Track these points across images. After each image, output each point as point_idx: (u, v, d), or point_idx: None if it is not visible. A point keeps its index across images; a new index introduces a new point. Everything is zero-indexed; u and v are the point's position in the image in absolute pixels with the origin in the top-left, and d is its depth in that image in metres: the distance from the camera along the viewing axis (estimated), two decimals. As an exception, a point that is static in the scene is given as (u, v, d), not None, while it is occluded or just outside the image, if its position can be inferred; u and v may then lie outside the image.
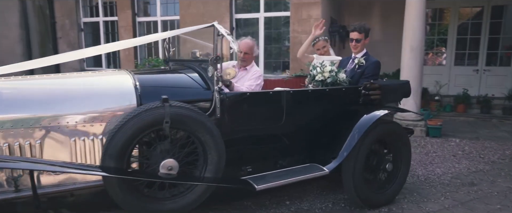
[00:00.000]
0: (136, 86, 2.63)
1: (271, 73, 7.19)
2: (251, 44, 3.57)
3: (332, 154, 3.10)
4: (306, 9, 6.50)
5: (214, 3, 7.15)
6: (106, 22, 8.63)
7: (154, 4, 8.07)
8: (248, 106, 2.92)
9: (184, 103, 2.58)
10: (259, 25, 6.98)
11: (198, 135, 2.56)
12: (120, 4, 8.14)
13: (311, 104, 3.20)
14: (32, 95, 2.47)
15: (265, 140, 3.09)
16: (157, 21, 8.01)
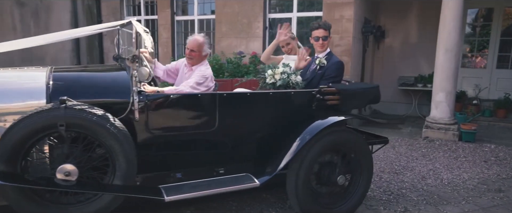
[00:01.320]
0: (48, 84, 2.54)
1: (302, 72, 7.27)
2: (200, 42, 3.29)
3: (272, 165, 2.85)
4: (339, 9, 6.52)
5: (249, 3, 7.33)
6: (147, 20, 9.08)
7: (191, 3, 8.39)
8: (173, 110, 2.78)
9: (99, 104, 2.50)
10: (292, 25, 7.07)
11: (102, 140, 2.41)
12: (160, 4, 8.54)
13: (251, 109, 2.99)
14: None
15: (197, 146, 2.89)
16: (194, 20, 8.33)
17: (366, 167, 3.13)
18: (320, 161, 2.98)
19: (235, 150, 2.99)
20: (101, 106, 2.49)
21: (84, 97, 2.52)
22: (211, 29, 8.22)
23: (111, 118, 2.43)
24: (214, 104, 2.80)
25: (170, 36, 8.50)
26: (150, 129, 2.68)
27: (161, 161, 2.84)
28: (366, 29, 7.18)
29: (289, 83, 3.06)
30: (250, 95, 2.96)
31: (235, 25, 7.57)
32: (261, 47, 7.31)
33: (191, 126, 2.83)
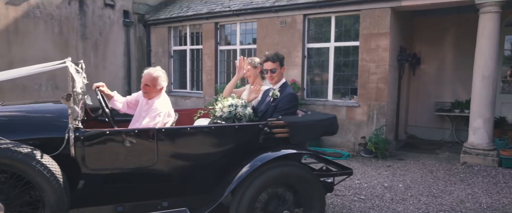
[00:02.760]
0: None
1: (339, 98, 7.59)
2: (154, 76, 3.29)
3: (211, 199, 2.86)
4: (375, 39, 6.87)
5: (288, 34, 7.84)
6: (192, 50, 9.81)
7: (234, 34, 9.04)
8: (110, 145, 2.77)
9: (37, 141, 2.62)
10: (330, 54, 7.48)
11: (29, 177, 2.48)
12: (205, 35, 9.24)
13: (192, 144, 2.97)
14: None
15: (137, 181, 2.88)
16: (237, 49, 8.94)
17: (316, 203, 3.02)
18: (266, 194, 2.93)
19: (178, 184, 2.96)
20: (38, 143, 2.62)
21: (21, 134, 2.65)
22: (252, 58, 8.77)
23: (39, 155, 2.49)
24: (153, 140, 2.80)
25: (214, 64, 9.14)
26: (87, 164, 2.71)
27: (101, 195, 2.85)
28: (401, 57, 7.47)
29: (236, 115, 3.01)
30: (190, 130, 3.01)
31: (275, 54, 8.07)
32: (300, 74, 7.76)
33: (130, 161, 2.82)
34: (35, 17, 8.08)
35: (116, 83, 9.86)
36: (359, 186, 4.96)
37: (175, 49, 10.15)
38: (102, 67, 9.54)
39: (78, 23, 8.89)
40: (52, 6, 8.35)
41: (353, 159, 6.57)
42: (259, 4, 8.24)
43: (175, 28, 10.07)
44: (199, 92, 9.66)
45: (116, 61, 9.86)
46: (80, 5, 8.88)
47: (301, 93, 7.75)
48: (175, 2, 10.80)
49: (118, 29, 9.79)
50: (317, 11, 7.45)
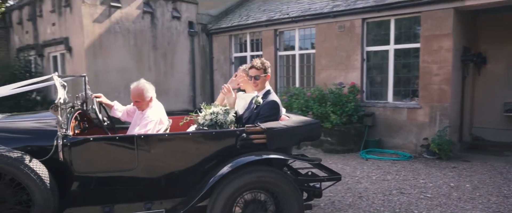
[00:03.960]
0: None
1: (400, 100, 7.65)
2: (140, 91, 3.49)
3: (185, 202, 3.02)
4: (437, 40, 6.87)
5: (346, 38, 8.05)
6: (252, 56, 10.30)
7: (293, 40, 9.41)
8: (93, 151, 2.98)
9: (29, 148, 2.89)
10: (389, 56, 7.57)
11: (19, 179, 2.74)
12: (264, 41, 9.71)
13: (171, 149, 3.11)
14: None
15: (121, 184, 3.06)
16: (295, 54, 9.29)
17: (295, 209, 3.07)
18: (244, 198, 3.06)
19: (159, 187, 3.12)
20: (35, 149, 2.92)
21: (19, 142, 2.96)
22: (311, 62, 9.09)
23: (27, 160, 2.76)
24: (133, 145, 2.98)
25: (274, 70, 9.56)
26: (75, 168, 2.95)
27: (90, 196, 3.06)
28: (465, 58, 7.37)
29: (218, 122, 3.11)
30: (168, 136, 3.19)
31: (334, 58, 8.32)
32: (359, 77, 7.92)
33: (113, 165, 3.04)
34: (115, 32, 9.05)
35: (182, 90, 10.66)
36: (424, 185, 5.07)
37: (236, 55, 10.73)
38: (170, 75, 10.37)
39: (150, 35, 9.77)
40: (129, 21, 9.29)
41: (415, 160, 6.62)
42: (318, 10, 8.53)
43: (236, 36, 10.66)
44: None
45: (183, 68, 10.65)
46: (152, 18, 9.76)
47: (361, 95, 7.91)
48: (235, 12, 11.41)
49: (184, 39, 10.59)
50: (376, 15, 7.58)
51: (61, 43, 9.31)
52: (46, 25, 10.02)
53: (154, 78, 9.93)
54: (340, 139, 7.39)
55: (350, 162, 6.56)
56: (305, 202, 3.47)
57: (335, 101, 7.43)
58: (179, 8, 10.38)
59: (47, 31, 9.97)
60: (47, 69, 10.49)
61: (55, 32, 9.61)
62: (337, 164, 6.37)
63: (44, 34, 10.16)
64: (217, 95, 10.91)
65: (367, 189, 4.95)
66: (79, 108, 3.60)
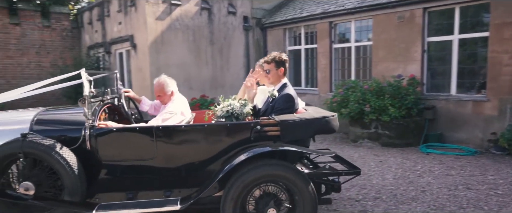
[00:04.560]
0: (34, 118, 3.34)
1: (464, 93, 7.27)
2: (160, 86, 3.68)
3: (197, 192, 3.12)
4: (509, 28, 6.42)
5: (406, 28, 7.78)
6: (306, 49, 10.32)
7: (348, 32, 9.27)
8: (116, 140, 3.19)
9: (62, 137, 3.14)
10: (453, 47, 7.21)
11: (50, 164, 3.00)
12: (319, 34, 9.67)
13: (187, 140, 3.21)
14: None
15: (141, 172, 3.24)
16: (351, 47, 9.15)
17: (307, 204, 3.06)
18: (259, 190, 3.10)
19: (176, 177, 3.25)
20: (67, 138, 3.17)
21: (54, 131, 3.24)
22: (367, 54, 8.90)
23: (58, 147, 3.02)
24: (152, 137, 3.15)
25: (328, 62, 9.51)
26: (99, 156, 3.19)
27: (114, 182, 3.27)
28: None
29: (234, 114, 3.18)
30: (184, 128, 3.27)
31: (392, 50, 8.09)
32: (419, 69, 7.64)
33: (134, 154, 3.23)
34: (175, 28, 9.51)
35: (237, 83, 10.92)
36: (494, 181, 4.83)
37: (290, 49, 10.79)
38: (226, 69, 10.69)
39: (207, 30, 10.14)
40: (188, 18, 9.71)
41: (482, 156, 6.29)
42: (375, 1, 8.32)
43: (290, 29, 10.71)
44: (314, 89, 10.13)
45: (238, 62, 10.92)
46: (209, 14, 10.12)
47: (421, 88, 7.63)
48: (289, 5, 11.45)
49: (239, 34, 10.84)
50: (439, 3, 7.25)
51: (126, 40, 9.97)
52: (113, 24, 10.78)
53: (211, 72, 10.32)
54: (398, 133, 7.21)
55: (410, 156, 6.39)
56: (323, 196, 3.52)
57: (394, 94, 7.24)
58: (234, 3, 10.64)
59: (114, 29, 10.72)
60: (113, 65, 11.30)
61: (121, 30, 10.31)
62: (396, 158, 6.25)
63: (111, 32, 10.93)
64: (271, 88, 11.09)
65: (430, 184, 4.83)
66: (109, 101, 3.81)
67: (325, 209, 4.04)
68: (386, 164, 5.92)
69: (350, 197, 4.44)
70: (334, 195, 4.49)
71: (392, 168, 5.66)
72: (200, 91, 9.86)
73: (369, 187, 4.78)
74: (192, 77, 9.88)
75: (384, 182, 4.95)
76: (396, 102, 7.13)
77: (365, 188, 4.72)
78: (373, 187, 4.76)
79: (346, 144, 7.73)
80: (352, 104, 7.42)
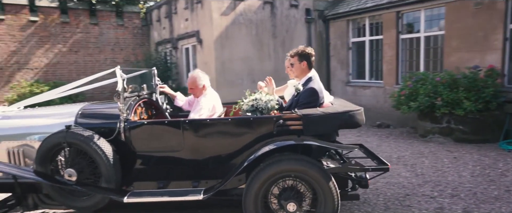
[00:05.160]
0: (78, 112, 3.60)
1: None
2: (192, 79, 3.81)
3: (219, 183, 3.18)
4: None
5: (485, 15, 7.21)
6: (371, 40, 10.00)
7: (417, 22, 8.80)
8: (148, 133, 3.35)
9: (99, 129, 3.37)
10: (540, 34, 6.56)
11: (89, 153, 3.23)
12: (385, 25, 9.30)
13: (212, 133, 3.30)
14: (20, 120, 3.83)
15: (170, 163, 3.37)
16: (420, 37, 8.69)
17: (329, 200, 3.04)
18: (282, 184, 3.12)
19: (203, 168, 3.36)
20: (106, 130, 3.39)
21: (95, 124, 3.49)
22: (438, 45, 8.41)
23: (96, 138, 3.25)
24: (180, 130, 3.29)
25: (395, 54, 9.12)
26: (133, 147, 3.38)
27: (147, 172, 3.45)
28: None
29: (258, 108, 3.22)
30: (209, 121, 3.36)
31: (467, 39, 7.55)
32: (500, 59, 7.06)
33: (163, 146, 3.38)
34: (239, 23, 9.74)
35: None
36: None
37: (354, 40, 10.52)
38: (288, 62, 10.72)
39: (270, 24, 10.24)
40: (251, 12, 9.88)
41: None
42: (448, -13, 7.80)
43: (354, 21, 10.44)
44: (379, 81, 9.80)
45: (300, 55, 10.89)
46: (271, 8, 10.20)
47: (501, 79, 7.05)
48: (352, -5, 11.15)
49: (301, 26, 10.81)
50: (524, -13, 6.61)
51: (193, 36, 10.42)
52: (180, 21, 11.31)
53: (273, 65, 10.42)
54: (474, 128, 6.74)
55: (488, 153, 5.96)
56: (350, 191, 3.47)
57: (469, 86, 6.76)
58: (296, -4, 10.61)
59: (181, 26, 11.24)
60: (180, 59, 11.88)
61: (188, 26, 10.78)
62: (472, 155, 5.87)
63: (178, 28, 11.49)
64: (334, 81, 10.92)
65: (515, 183, 4.49)
66: (145, 96, 4.02)
67: (398, 204, 3.94)
68: (462, 160, 5.58)
69: (424, 193, 4.27)
70: (407, 190, 4.39)
71: (469, 165, 5.33)
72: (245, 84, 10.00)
73: (445, 184, 4.56)
74: (255, 71, 10.06)
75: (461, 180, 4.68)
76: (471, 95, 6.66)
77: (440, 185, 4.51)
78: (448, 184, 4.53)
79: (414, 139, 7.40)
80: (421, 97, 7.07)
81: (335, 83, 11.12)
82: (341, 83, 10.90)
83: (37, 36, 12.00)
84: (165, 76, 11.49)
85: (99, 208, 3.44)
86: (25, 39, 11.83)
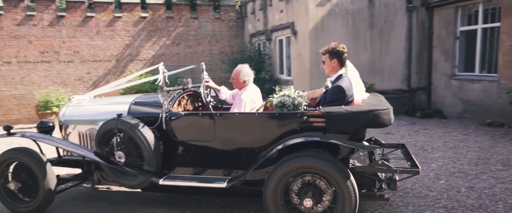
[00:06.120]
0: (131, 103, 4.11)
1: None
2: (236, 72, 4.06)
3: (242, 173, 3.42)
4: None
5: None
6: (484, 29, 8.97)
7: (546, 6, 7.64)
8: (185, 123, 3.71)
9: (147, 118, 3.82)
10: None
11: (134, 139, 3.64)
12: (505, 11, 8.24)
13: (242, 126, 3.54)
14: (90, 107, 4.54)
15: (204, 151, 3.70)
16: (549, 24, 7.54)
17: (346, 199, 3.07)
18: (302, 179, 3.23)
19: (233, 158, 3.60)
20: (153, 119, 3.78)
21: (143, 113, 3.93)
22: None
23: (140, 126, 3.65)
24: (212, 121, 3.56)
25: (516, 44, 8.07)
26: (173, 136, 3.75)
27: (185, 158, 3.79)
28: None
29: (284, 104, 3.33)
30: (238, 115, 3.59)
31: None
32: None
33: (198, 136, 3.69)
34: (335, 13, 9.54)
35: (397, 68, 10.35)
36: None
37: (462, 29, 9.56)
38: (385, 53, 10.20)
39: (367, 14, 9.83)
40: (348, 2, 9.60)
41: None
42: None
43: (464, 7, 9.47)
44: (492, 75, 8.78)
45: (398, 46, 10.29)
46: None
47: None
48: (463, -21, 10.09)
49: (401, 15, 10.17)
50: None
51: (287, 27, 10.51)
52: (274, 13, 11.49)
53: (369, 57, 10.02)
54: None
55: None
56: (377, 192, 3.48)
57: None
58: (397, -17, 9.98)
59: (275, 18, 11.41)
60: (274, 51, 12.09)
61: (282, 18, 10.90)
62: None
63: (273, 20, 11.68)
64: (436, 74, 10.11)
65: None
66: (190, 89, 4.40)
67: None
68: None
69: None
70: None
71: None
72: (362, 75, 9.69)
73: None
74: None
75: None
76: None
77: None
78: None
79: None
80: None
81: (437, 76, 10.27)
82: (444, 76, 10.03)
83: (146, 31, 13.25)
84: (259, 67, 11.81)
85: (142, 187, 3.93)
86: (136, 33, 13.16)
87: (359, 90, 3.60)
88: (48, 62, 12.36)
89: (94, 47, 12.77)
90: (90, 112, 4.41)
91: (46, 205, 4.01)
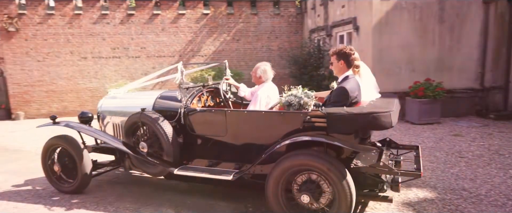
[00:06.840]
0: (157, 97, 4.44)
1: None
2: (256, 68, 4.29)
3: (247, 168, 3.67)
4: None
5: None
6: None
7: None
8: (201, 118, 3.97)
9: (169, 112, 4.15)
10: None
11: (154, 131, 3.96)
12: None
13: (250, 123, 3.72)
14: (122, 101, 4.92)
15: (217, 145, 3.92)
16: None
17: (342, 199, 3.15)
18: (304, 176, 3.34)
19: (243, 153, 3.78)
20: (173, 114, 4.09)
21: (165, 107, 4.24)
22: None
23: (161, 120, 3.95)
24: (224, 117, 3.78)
25: None
26: (190, 129, 4.04)
27: (201, 151, 4.04)
28: None
29: (291, 104, 3.45)
30: (247, 113, 3.80)
31: None
32: None
33: (212, 131, 3.94)
34: (401, 8, 9.06)
35: (468, 66, 9.58)
36: None
37: (549, 23, 8.58)
38: (456, 50, 9.49)
39: (437, 7, 9.20)
40: (415, -5, 9.06)
41: None
42: None
43: (551, -2, 8.50)
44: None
45: (470, 42, 9.51)
46: (440, -11, 9.13)
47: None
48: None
49: (476, 8, 9.38)
50: None
51: (349, 23, 10.20)
52: (336, 8, 11.21)
53: (437, 53, 9.41)
54: None
55: None
56: (379, 193, 3.49)
57: None
58: (472, -27, 9.21)
59: (337, 13, 11.13)
60: (334, 47, 11.81)
61: (344, 13, 10.60)
62: None
63: (334, 16, 11.41)
64: None
65: None
66: (210, 86, 4.67)
67: None
68: None
69: None
70: None
71: None
72: (424, 74, 9.16)
73: None
74: (415, 59, 9.27)
75: None
76: None
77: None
78: None
79: None
80: None
81: None
82: None
83: (208, 27, 13.65)
84: (318, 63, 11.63)
85: (163, 175, 4.30)
86: (198, 30, 13.61)
87: (369, 91, 3.68)
88: (118, 57, 13.27)
89: (159, 43, 13.45)
90: (122, 104, 4.84)
91: (84, 186, 4.57)
